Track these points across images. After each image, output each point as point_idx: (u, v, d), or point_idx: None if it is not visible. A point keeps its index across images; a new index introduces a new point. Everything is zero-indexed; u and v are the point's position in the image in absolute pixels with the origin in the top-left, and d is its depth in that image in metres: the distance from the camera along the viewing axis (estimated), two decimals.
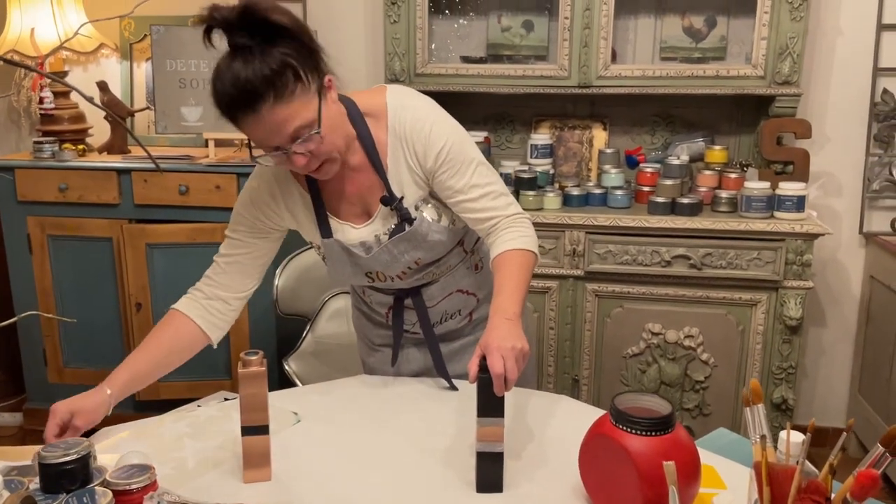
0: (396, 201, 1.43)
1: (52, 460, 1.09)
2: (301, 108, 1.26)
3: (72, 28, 2.84)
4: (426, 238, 1.45)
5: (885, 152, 2.73)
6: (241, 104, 1.23)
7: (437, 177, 1.42)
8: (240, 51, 1.22)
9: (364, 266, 1.49)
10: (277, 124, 1.25)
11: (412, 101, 1.44)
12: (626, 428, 1.09)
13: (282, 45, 1.23)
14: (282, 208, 1.48)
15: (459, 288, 1.57)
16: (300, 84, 1.25)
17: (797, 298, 2.43)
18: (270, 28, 1.22)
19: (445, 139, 1.41)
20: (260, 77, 1.20)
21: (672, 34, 2.72)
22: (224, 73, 1.23)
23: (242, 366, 1.22)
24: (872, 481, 0.84)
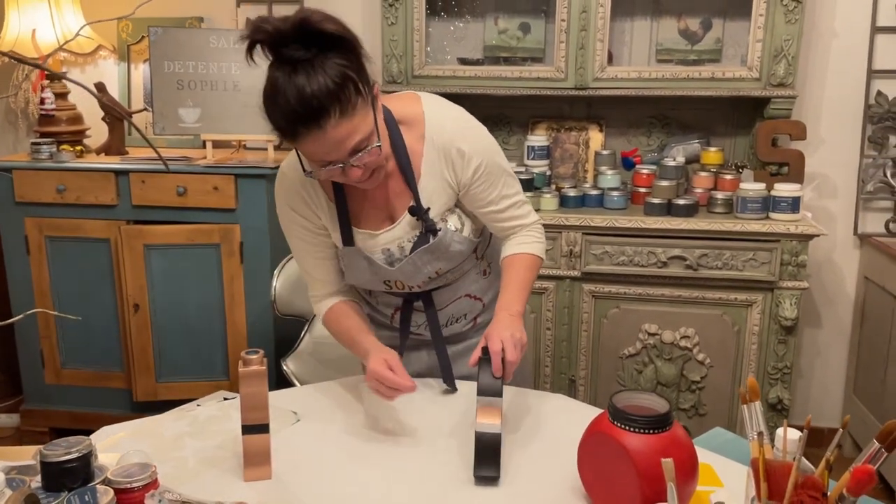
0: (424, 212, 1.43)
1: (54, 458, 1.10)
2: (361, 121, 1.24)
3: (70, 29, 2.84)
4: (448, 249, 1.46)
5: (879, 154, 2.75)
6: (307, 120, 1.19)
7: (471, 189, 1.44)
8: (299, 64, 1.18)
9: (384, 275, 1.49)
10: (340, 139, 1.23)
11: (451, 112, 1.44)
12: (624, 426, 1.10)
13: (337, 56, 1.20)
14: (316, 210, 1.47)
15: (468, 293, 1.58)
16: (360, 97, 1.22)
17: (792, 299, 2.44)
18: (325, 39, 1.19)
19: (484, 153, 1.43)
20: (325, 91, 1.17)
21: (668, 36, 2.73)
22: (285, 87, 1.18)
23: (243, 364, 1.22)
24: (868, 477, 0.85)
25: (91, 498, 1.06)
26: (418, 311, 1.58)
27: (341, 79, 1.19)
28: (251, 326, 2.75)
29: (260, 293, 2.70)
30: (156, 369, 2.80)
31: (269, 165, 2.66)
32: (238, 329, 2.75)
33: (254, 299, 2.73)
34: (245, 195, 2.66)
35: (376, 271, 1.48)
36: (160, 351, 2.79)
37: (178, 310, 2.76)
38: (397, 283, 1.50)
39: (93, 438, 1.18)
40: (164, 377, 2.81)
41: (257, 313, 2.74)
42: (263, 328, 2.75)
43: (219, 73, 2.76)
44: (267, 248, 2.69)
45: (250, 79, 2.76)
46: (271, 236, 2.70)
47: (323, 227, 1.49)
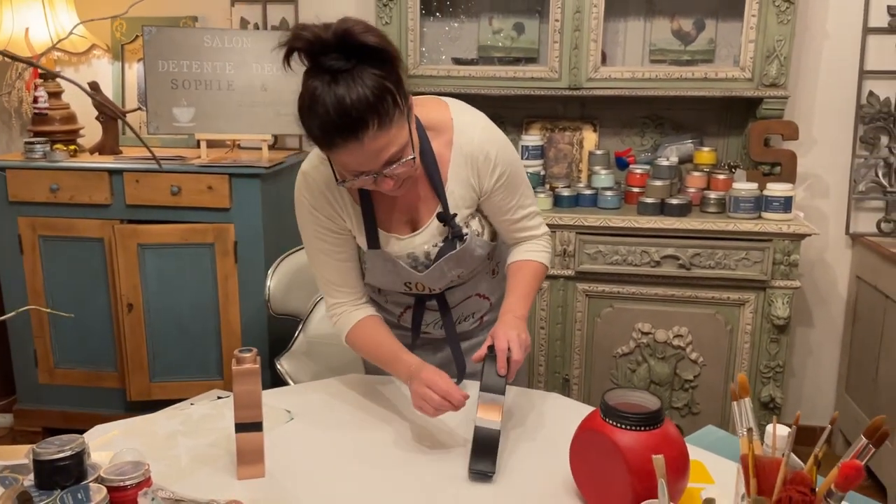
0: (452, 218, 1.43)
1: (47, 457, 1.10)
2: (397, 133, 1.24)
3: (63, 28, 2.84)
4: (473, 254, 1.48)
5: (870, 154, 2.76)
6: (345, 131, 1.19)
7: (492, 196, 1.46)
8: (339, 74, 1.18)
9: (407, 278, 1.49)
10: (376, 151, 1.23)
11: (479, 121, 1.45)
12: (615, 423, 1.11)
13: (376, 68, 1.19)
14: (341, 211, 1.46)
15: (478, 292, 1.60)
16: (397, 109, 1.22)
17: (784, 298, 2.46)
18: (366, 51, 1.18)
19: (508, 162, 1.45)
20: (365, 103, 1.17)
21: (661, 37, 2.74)
22: (324, 97, 1.18)
23: (236, 363, 1.23)
24: (856, 472, 0.86)
25: (84, 496, 1.06)
26: (431, 310, 1.58)
27: (380, 91, 1.19)
28: (245, 326, 2.75)
29: (254, 293, 2.70)
30: (150, 369, 2.80)
31: (264, 165, 2.66)
32: (232, 328, 2.75)
33: (248, 299, 2.73)
34: (239, 195, 2.66)
35: (399, 273, 1.48)
36: (154, 350, 2.79)
37: (172, 309, 2.76)
38: (418, 286, 1.51)
39: (86, 437, 1.18)
40: (158, 377, 2.81)
41: (251, 313, 2.74)
42: (257, 327, 2.75)
43: (213, 72, 2.76)
44: (261, 247, 2.69)
45: (245, 78, 2.77)
46: (265, 236, 2.70)
47: (346, 230, 1.48)
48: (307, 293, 2.53)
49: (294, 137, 3.09)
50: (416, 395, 1.35)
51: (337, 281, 1.52)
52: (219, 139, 2.91)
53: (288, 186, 3.02)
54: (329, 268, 1.51)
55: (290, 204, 3.18)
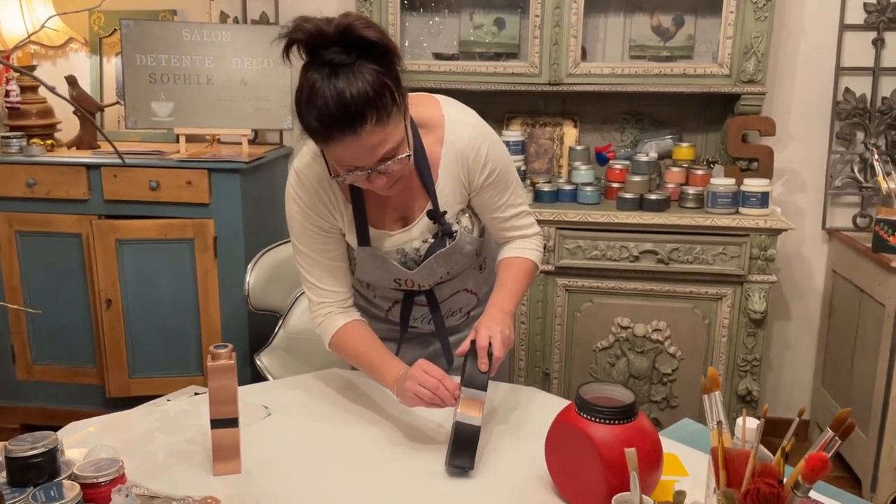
0: (441, 216, 1.43)
1: (19, 454, 1.09)
2: (394, 130, 1.24)
3: (40, 22, 2.81)
4: (462, 251, 1.49)
5: (846, 150, 2.79)
6: (343, 125, 1.19)
7: (482, 192, 1.46)
8: (339, 68, 1.18)
9: (397, 274, 1.49)
10: (372, 146, 1.22)
11: (470, 118, 1.45)
12: (589, 416, 1.12)
13: (376, 63, 1.20)
14: (333, 210, 1.45)
15: (466, 287, 1.60)
16: (395, 106, 1.22)
17: (761, 292, 2.48)
18: (367, 46, 1.18)
19: (498, 160, 1.45)
20: (364, 98, 1.17)
21: (641, 33, 2.76)
22: (324, 90, 1.18)
23: (212, 359, 1.22)
24: (822, 464, 0.87)
25: (57, 493, 1.06)
26: (419, 304, 1.58)
27: (380, 86, 1.19)
28: (225, 321, 2.74)
29: (234, 288, 2.69)
30: (129, 365, 2.78)
31: (244, 160, 2.65)
32: (212, 324, 2.74)
33: (228, 294, 2.72)
34: (219, 190, 2.64)
35: (389, 270, 1.48)
36: (133, 346, 2.77)
37: (151, 305, 2.74)
38: (408, 282, 1.51)
39: (61, 434, 1.18)
40: (137, 373, 2.79)
41: (231, 308, 2.73)
42: (237, 323, 2.75)
43: (192, 66, 2.74)
44: (241, 243, 2.68)
45: (224, 73, 2.76)
46: (245, 231, 2.69)
47: (338, 229, 1.47)
48: (287, 289, 2.52)
49: (274, 132, 3.08)
50: (409, 390, 1.32)
51: (325, 282, 1.49)
52: (198, 134, 2.89)
53: (268, 181, 3.02)
54: (318, 267, 1.49)
55: (270, 199, 3.18)
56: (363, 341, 1.48)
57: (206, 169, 2.62)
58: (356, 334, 1.48)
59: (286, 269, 2.52)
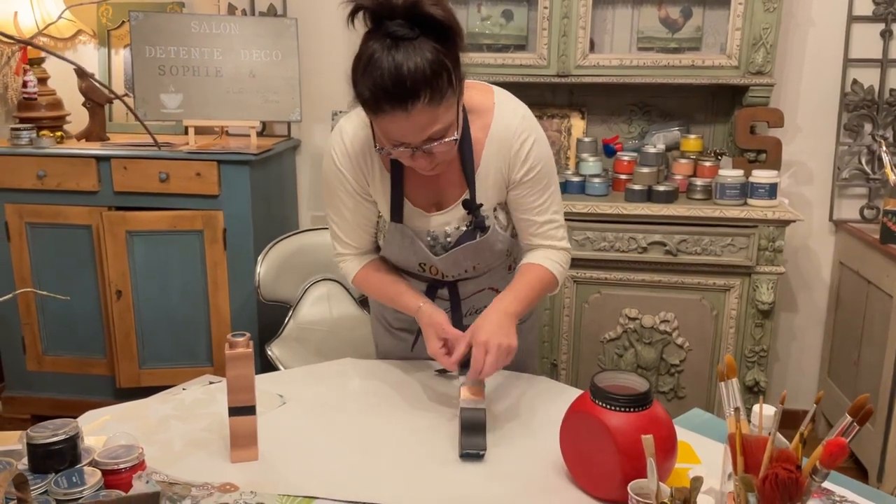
0: (477, 207, 1.42)
1: (41, 441, 1.10)
2: (445, 111, 1.23)
3: (49, 13, 2.81)
4: (493, 247, 1.47)
5: (854, 141, 2.79)
6: (395, 99, 1.17)
7: (517, 188, 1.44)
8: (401, 41, 1.16)
9: (423, 258, 1.48)
10: (422, 125, 1.21)
11: (521, 109, 1.43)
12: (605, 404, 1.13)
13: (438, 42, 1.18)
14: (368, 177, 1.44)
15: (492, 286, 1.58)
16: (450, 87, 1.21)
17: (769, 284, 2.49)
18: (431, 23, 1.17)
19: (541, 158, 1.42)
20: (421, 75, 1.16)
21: (649, 24, 2.75)
22: (382, 61, 1.16)
23: (229, 347, 1.23)
24: (841, 449, 0.88)
25: (78, 479, 1.07)
26: (441, 298, 1.57)
27: (438, 66, 1.17)
28: (235, 313, 2.75)
29: (243, 279, 2.70)
30: (139, 356, 2.79)
31: (252, 152, 2.65)
32: (222, 315, 2.75)
33: (237, 286, 2.73)
34: (228, 181, 2.65)
35: (416, 251, 1.47)
36: (143, 337, 2.79)
37: (161, 296, 2.75)
38: (432, 269, 1.50)
39: (79, 422, 1.19)
40: (147, 364, 2.81)
41: (241, 300, 2.74)
42: (247, 314, 2.76)
43: (201, 58, 2.75)
44: (250, 234, 2.69)
45: (233, 65, 2.76)
46: (255, 222, 2.70)
47: (370, 195, 1.46)
48: (297, 280, 2.53)
49: (282, 124, 3.08)
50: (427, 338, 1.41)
51: (350, 237, 1.52)
52: (207, 125, 2.90)
53: (277, 173, 3.03)
54: (345, 223, 1.50)
55: (279, 191, 3.19)
56: (381, 278, 1.52)
57: (215, 161, 2.63)
58: (374, 272, 1.53)
59: (296, 260, 2.53)
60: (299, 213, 3.15)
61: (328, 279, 2.55)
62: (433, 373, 1.59)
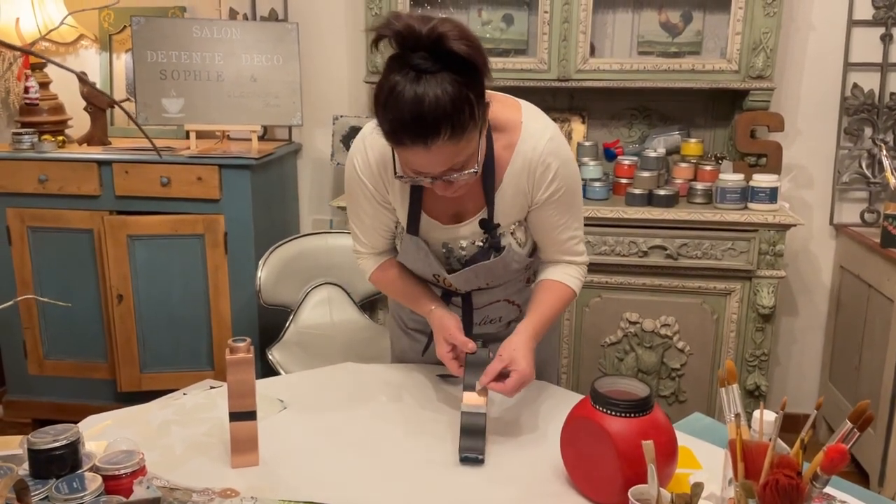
0: (493, 227, 1.41)
1: (42, 446, 1.11)
2: (466, 145, 1.22)
3: (51, 18, 2.82)
4: (507, 267, 1.46)
5: (854, 145, 2.79)
6: (415, 134, 1.17)
7: (541, 208, 1.42)
8: (423, 75, 1.14)
9: (437, 270, 1.48)
10: (442, 159, 1.21)
11: (548, 130, 1.39)
12: (605, 410, 1.13)
13: (462, 76, 1.16)
14: (387, 185, 1.43)
15: (507, 297, 1.57)
16: (472, 121, 1.19)
17: (770, 287, 2.49)
18: (454, 58, 1.15)
19: (567, 179, 1.41)
20: (441, 112, 1.14)
21: (649, 29, 2.76)
22: (403, 94, 1.14)
23: (230, 352, 1.23)
24: (841, 455, 0.88)
25: (79, 485, 1.07)
26: (455, 305, 1.56)
27: (460, 101, 1.15)
28: (236, 316, 2.75)
29: (244, 284, 2.70)
30: (140, 360, 2.80)
31: (254, 156, 2.66)
32: (223, 319, 2.76)
33: (238, 290, 2.73)
34: (229, 186, 2.66)
35: (430, 264, 1.47)
36: (144, 341, 2.79)
37: (162, 300, 2.76)
38: (445, 281, 1.50)
39: (79, 427, 1.19)
40: (148, 368, 2.81)
41: (242, 304, 2.75)
42: (248, 318, 2.76)
43: (202, 63, 2.75)
44: (251, 238, 2.69)
45: (234, 69, 2.77)
46: (256, 227, 2.70)
47: (389, 203, 1.46)
48: (297, 284, 2.54)
49: (283, 129, 3.09)
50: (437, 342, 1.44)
51: (368, 237, 1.53)
52: (208, 130, 2.90)
53: (278, 177, 3.04)
54: (364, 225, 1.51)
55: (280, 195, 3.19)
56: (398, 279, 1.54)
57: (216, 165, 2.63)
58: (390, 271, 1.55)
59: (297, 264, 2.54)
60: (300, 217, 3.16)
61: (329, 283, 2.56)
62: (436, 377, 1.59)
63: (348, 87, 3.02)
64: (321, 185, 3.13)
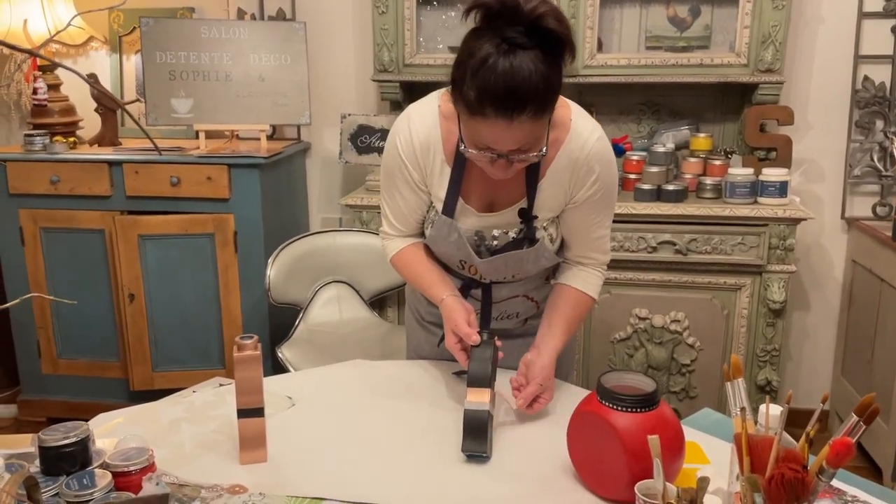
0: (531, 219, 1.42)
1: (52, 443, 1.12)
2: (542, 126, 1.23)
3: (61, 20, 2.84)
4: (537, 262, 1.47)
5: (865, 138, 2.77)
6: (503, 106, 1.16)
7: (580, 207, 1.43)
8: (518, 49, 1.14)
9: (465, 256, 1.47)
10: (518, 137, 1.21)
11: (597, 130, 1.40)
12: (612, 405, 1.13)
13: (551, 58, 1.16)
14: (426, 167, 1.43)
15: (527, 294, 1.57)
16: (551, 104, 1.20)
17: (780, 282, 2.47)
18: (550, 37, 1.15)
19: (607, 181, 1.42)
20: (533, 87, 1.14)
21: (657, 23, 2.75)
22: (497, 66, 1.14)
23: (237, 350, 1.24)
24: (847, 449, 0.88)
25: (89, 481, 1.08)
26: (474, 298, 1.56)
27: (549, 80, 1.16)
28: (246, 315, 2.77)
29: (254, 282, 2.72)
30: (152, 358, 2.82)
31: (263, 155, 2.67)
32: (233, 318, 2.77)
33: (248, 288, 2.75)
34: (238, 185, 2.67)
35: (460, 248, 1.46)
36: (156, 340, 2.81)
37: (173, 299, 2.78)
38: (472, 268, 1.50)
39: (90, 424, 1.20)
40: (160, 366, 2.83)
41: (252, 302, 2.76)
42: (258, 316, 2.77)
43: (211, 63, 2.77)
44: (261, 237, 2.70)
45: (242, 69, 2.78)
46: (265, 225, 2.71)
47: (426, 186, 1.46)
48: (307, 282, 2.55)
49: (292, 128, 3.10)
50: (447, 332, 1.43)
51: (397, 219, 1.53)
52: (217, 130, 2.92)
53: (287, 176, 3.04)
54: (395, 207, 1.51)
55: (290, 194, 3.20)
56: (416, 266, 1.53)
57: (225, 164, 2.65)
58: (411, 256, 1.54)
59: (306, 262, 2.55)
60: (309, 215, 3.17)
61: (338, 281, 2.56)
62: (451, 374, 1.59)
63: (356, 85, 3.03)
64: (330, 183, 3.14)
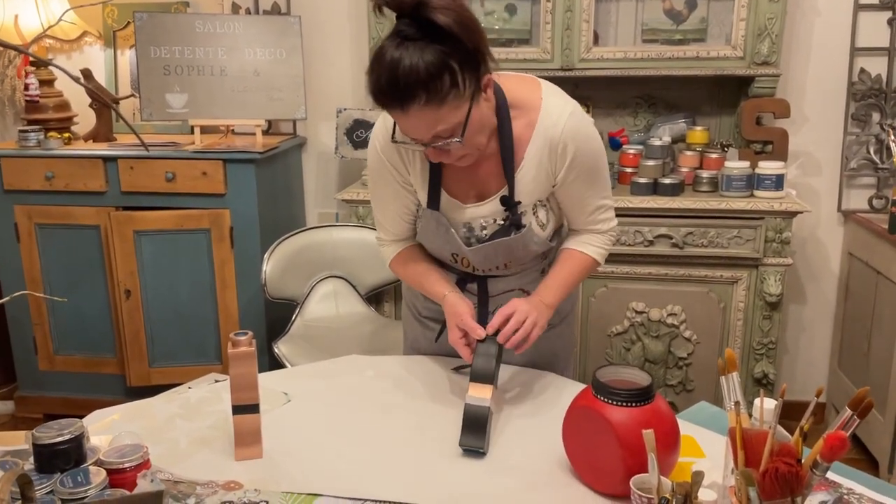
0: (514, 204, 1.42)
1: (46, 440, 1.11)
2: (449, 112, 1.23)
3: (54, 16, 2.83)
4: (526, 247, 1.46)
5: (862, 131, 2.77)
6: (390, 98, 1.21)
7: (565, 185, 1.43)
8: (407, 42, 1.18)
9: (455, 248, 1.48)
10: (423, 125, 1.24)
11: (568, 106, 1.39)
12: (607, 399, 1.13)
13: (446, 45, 1.18)
14: (409, 165, 1.45)
15: (522, 287, 1.57)
16: (454, 89, 1.21)
17: (777, 275, 2.47)
18: (436, 27, 1.17)
19: (589, 155, 1.41)
20: (415, 77, 1.17)
21: (653, 16, 2.73)
22: (384, 59, 1.19)
23: (232, 346, 1.24)
24: (841, 442, 0.88)
25: (83, 479, 1.08)
26: (470, 293, 1.57)
27: (437, 68, 1.18)
28: (242, 310, 2.77)
29: (251, 278, 2.71)
30: (149, 354, 2.81)
31: (258, 150, 2.66)
32: (230, 313, 2.77)
33: (245, 284, 2.74)
34: (234, 180, 2.66)
35: (450, 240, 1.47)
36: (152, 336, 2.80)
37: (169, 295, 2.77)
38: (464, 261, 1.50)
39: (85, 421, 1.19)
40: (157, 362, 2.83)
41: (248, 297, 2.76)
42: (255, 312, 2.77)
43: (205, 58, 2.76)
44: (257, 232, 2.70)
45: (237, 64, 2.77)
46: (261, 221, 2.71)
47: (410, 184, 1.47)
48: (303, 277, 2.54)
49: (287, 122, 3.09)
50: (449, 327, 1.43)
51: (389, 222, 1.54)
52: (212, 125, 2.91)
53: (282, 171, 3.04)
54: (385, 210, 1.53)
55: (285, 189, 3.20)
56: (413, 266, 1.55)
57: (221, 160, 2.64)
58: (407, 259, 1.56)
59: (302, 258, 2.54)
60: (306, 210, 3.16)
61: (334, 276, 2.56)
62: (450, 370, 1.59)
63: (352, 79, 3.02)
64: (326, 178, 3.13)
